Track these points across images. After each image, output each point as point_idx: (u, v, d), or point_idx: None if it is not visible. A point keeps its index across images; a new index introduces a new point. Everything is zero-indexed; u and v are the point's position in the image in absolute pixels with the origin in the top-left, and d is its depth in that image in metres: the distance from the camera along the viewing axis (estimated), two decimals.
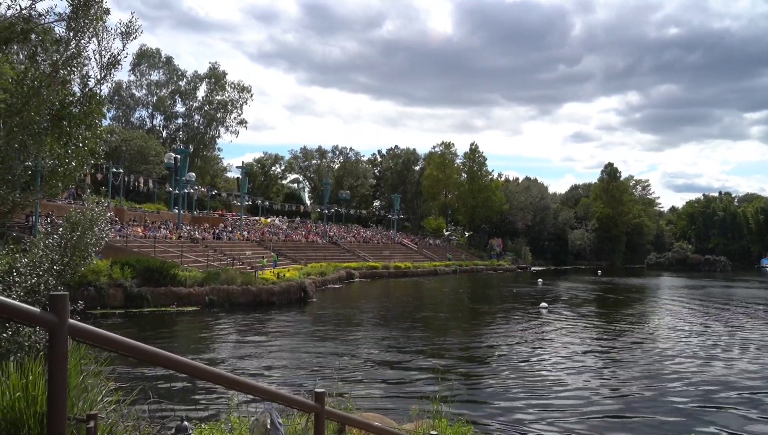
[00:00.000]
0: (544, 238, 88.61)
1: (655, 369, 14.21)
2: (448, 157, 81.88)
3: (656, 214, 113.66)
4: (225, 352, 15.65)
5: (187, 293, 23.71)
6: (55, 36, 6.46)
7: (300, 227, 60.18)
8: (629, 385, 12.63)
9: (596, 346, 17.44)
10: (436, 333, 19.76)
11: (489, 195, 77.33)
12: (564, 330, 20.51)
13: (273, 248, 44.76)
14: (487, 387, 12.38)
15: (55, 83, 5.84)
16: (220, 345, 16.80)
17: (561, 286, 44.60)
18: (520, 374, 13.40)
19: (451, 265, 59.74)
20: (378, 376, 13.04)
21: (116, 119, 63.62)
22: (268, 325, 20.68)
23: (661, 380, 13.07)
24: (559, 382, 12.73)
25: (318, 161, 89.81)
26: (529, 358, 15.28)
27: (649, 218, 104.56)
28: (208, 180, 69.38)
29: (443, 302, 31.41)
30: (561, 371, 13.77)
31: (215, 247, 36.39)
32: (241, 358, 14.58)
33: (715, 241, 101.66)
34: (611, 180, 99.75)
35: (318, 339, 17.87)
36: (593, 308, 29.18)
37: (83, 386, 3.63)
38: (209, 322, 20.97)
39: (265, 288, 26.34)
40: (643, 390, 12.12)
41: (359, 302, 30.27)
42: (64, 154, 5.92)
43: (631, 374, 13.60)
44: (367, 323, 21.93)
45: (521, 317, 24.05)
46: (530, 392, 11.84)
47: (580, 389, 12.12)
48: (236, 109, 68.82)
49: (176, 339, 17.43)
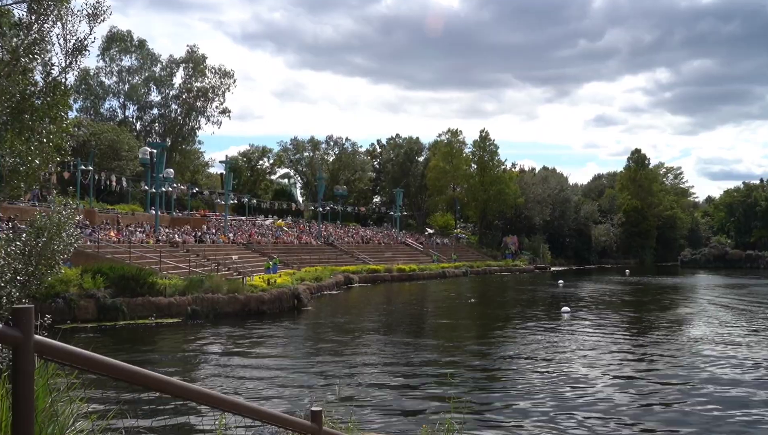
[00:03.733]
0: (564, 234, 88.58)
1: (697, 386, 13.84)
2: (455, 146, 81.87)
3: (690, 205, 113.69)
4: (210, 368, 15.70)
5: (167, 303, 23.73)
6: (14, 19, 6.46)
7: (292, 227, 60.24)
8: (668, 406, 12.34)
9: (627, 357, 17.34)
10: (446, 343, 19.78)
11: (502, 187, 77.31)
12: (589, 339, 20.48)
13: (262, 251, 44.75)
14: (504, 404, 12.38)
15: (15, 72, 5.85)
16: (204, 360, 16.85)
17: (584, 288, 44.56)
18: (539, 390, 13.35)
19: (462, 267, 59.86)
20: (381, 392, 13.05)
21: (84, 111, 63.71)
22: (258, 337, 20.73)
23: (703, 399, 12.82)
24: (585, 400, 12.62)
25: (310, 153, 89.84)
26: (549, 372, 15.21)
27: (682, 210, 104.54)
28: (189, 176, 69.42)
29: (452, 308, 31.40)
30: (586, 388, 13.66)
31: (197, 251, 36.45)
32: (228, 375, 14.62)
33: (757, 235, 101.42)
34: (639, 168, 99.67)
35: (314, 351, 17.92)
36: (622, 313, 29.15)
37: (52, 409, 3.64)
38: (192, 335, 21.03)
39: (254, 296, 26.39)
40: (685, 415, 11.60)
41: (359, 310, 30.36)
42: (26, 150, 5.92)
43: (669, 393, 13.32)
44: (369, 333, 21.98)
45: (540, 324, 24.03)
46: (551, 411, 11.81)
47: (608, 410, 11.92)
48: (218, 96, 68.89)
49: (156, 355, 17.46)
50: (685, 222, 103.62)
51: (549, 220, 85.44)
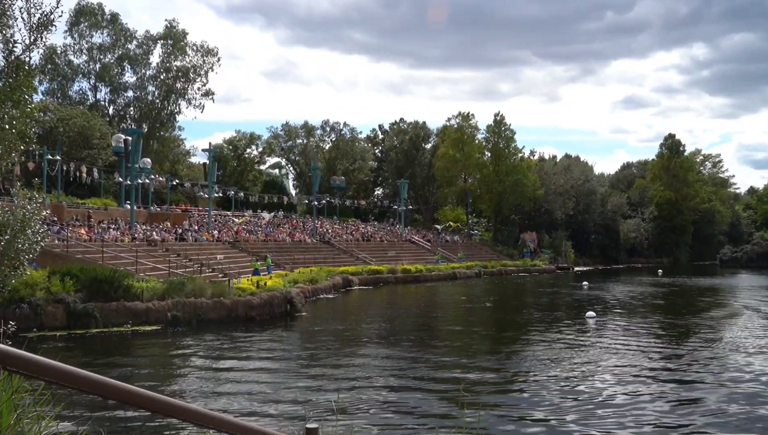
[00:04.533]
0: (589, 230, 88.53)
1: (741, 407, 13.59)
2: (466, 132, 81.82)
3: (731, 197, 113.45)
4: (194, 381, 15.78)
5: (145, 309, 23.84)
6: None
7: (284, 223, 60.30)
8: (707, 427, 12.19)
9: (660, 370, 17.18)
10: (456, 354, 19.84)
11: (519, 178, 77.26)
12: (617, 348, 20.45)
13: (250, 250, 44.82)
14: (521, 424, 12.40)
15: None
16: (187, 372, 16.93)
17: (612, 291, 44.71)
18: (561, 409, 13.31)
19: (474, 267, 59.99)
20: (383, 409, 13.11)
21: (50, 93, 63.83)
22: (247, 346, 20.84)
23: (747, 421, 12.70)
24: (614, 420, 12.53)
25: (304, 140, 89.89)
26: (572, 387, 15.18)
27: (721, 203, 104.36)
28: (168, 167, 69.52)
29: (464, 314, 31.52)
30: (614, 405, 13.59)
31: (178, 250, 36.69)
32: (213, 389, 14.70)
33: None
34: (673, 156, 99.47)
35: (309, 362, 17.98)
36: (654, 318, 29.20)
37: (18, 428, 3.66)
38: (173, 344, 21.13)
39: (242, 300, 26.53)
40: None
41: (359, 315, 30.50)
42: None
43: (709, 413, 13.13)
44: (370, 342, 22.09)
45: (562, 332, 24.08)
46: (574, 431, 11.82)
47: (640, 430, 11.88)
48: (200, 77, 68.96)
49: (132, 366, 17.54)
50: (724, 216, 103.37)
51: (572, 215, 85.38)
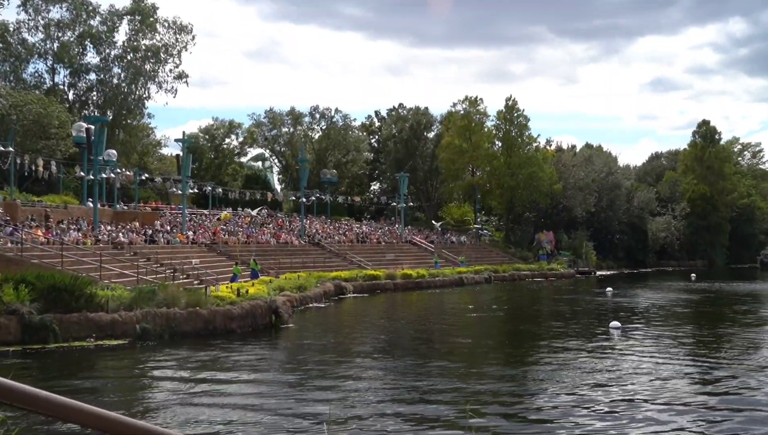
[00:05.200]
0: (613, 229, 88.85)
1: None
2: (474, 119, 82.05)
3: None
4: (166, 402, 15.72)
5: (110, 321, 23.80)
6: None
7: (268, 223, 60.28)
8: None
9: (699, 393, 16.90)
10: (462, 370, 19.83)
11: (534, 170, 77.47)
12: (645, 363, 20.36)
13: (230, 253, 44.69)
14: None
15: None
16: (158, 393, 16.91)
17: (639, 298, 44.96)
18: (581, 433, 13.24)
19: (483, 271, 60.07)
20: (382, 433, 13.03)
21: (2, 76, 63.52)
22: (226, 363, 20.84)
23: None
24: None
25: (291, 129, 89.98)
26: (595, 410, 15.05)
27: (762, 198, 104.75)
28: (136, 160, 69.51)
29: (471, 325, 31.75)
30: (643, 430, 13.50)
31: (148, 254, 36.82)
32: (188, 412, 14.65)
33: None
34: (708, 145, 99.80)
35: (296, 381, 17.92)
36: (688, 330, 29.28)
37: None
38: (142, 360, 21.16)
39: (221, 311, 26.59)
40: None
41: (353, 327, 30.60)
42: None
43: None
44: (366, 357, 22.11)
45: (583, 345, 24.08)
46: None
47: None
48: (172, 57, 68.96)
49: (96, 385, 17.52)
50: (766, 213, 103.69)
51: (594, 212, 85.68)
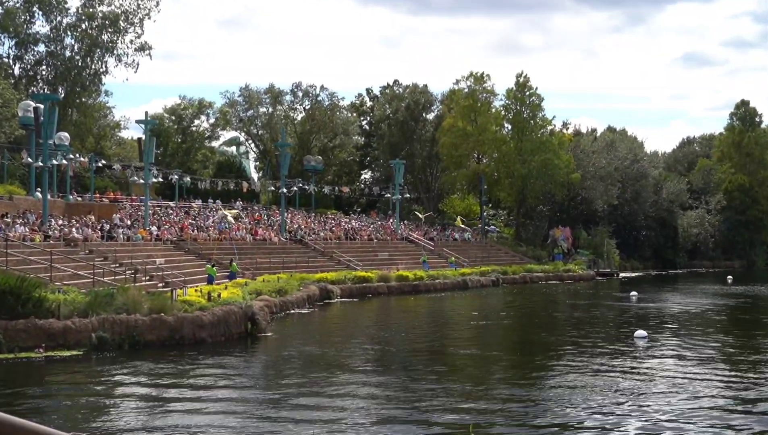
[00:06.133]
0: (638, 225, 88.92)
1: None
2: (480, 98, 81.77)
3: None
4: (125, 424, 15.69)
5: (62, 329, 23.78)
6: None
7: (244, 217, 60.06)
8: None
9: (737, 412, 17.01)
10: (466, 386, 19.83)
11: (548, 157, 77.30)
12: (675, 378, 20.37)
13: (193, 250, 44.52)
14: None
15: None
16: (116, 412, 16.86)
17: (668, 303, 45.08)
18: None
19: (490, 273, 60.10)
20: None
21: None
22: (194, 377, 20.84)
23: None
24: None
25: (269, 109, 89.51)
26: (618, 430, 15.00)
27: None
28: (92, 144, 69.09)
29: (476, 334, 31.80)
30: None
31: (105, 252, 36.68)
32: None
33: None
34: (747, 129, 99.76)
35: (275, 400, 17.92)
36: (723, 340, 29.33)
37: None
38: (99, 374, 21.15)
39: (189, 317, 26.56)
40: None
41: (341, 337, 30.58)
42: None
43: None
44: (354, 371, 22.09)
45: (603, 357, 24.17)
46: None
47: None
48: (133, 26, 68.42)
49: (45, 402, 17.44)
50: None
51: (617, 205, 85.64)
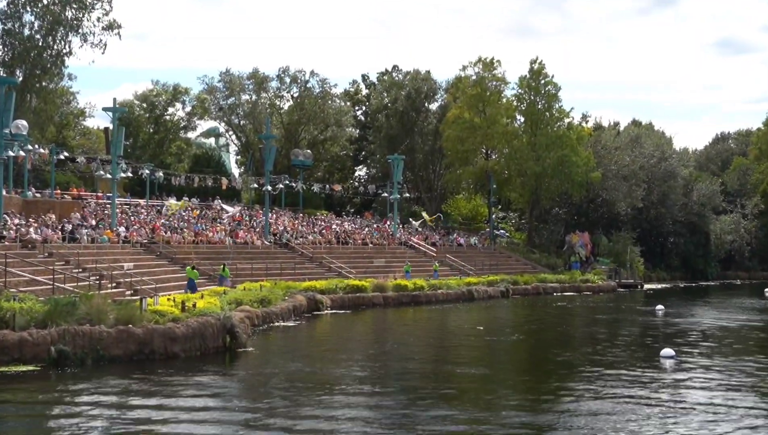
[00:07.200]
0: (666, 230, 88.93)
1: None
2: (489, 86, 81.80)
3: None
4: None
5: (18, 341, 23.78)
6: None
7: (222, 217, 60.30)
8: None
9: None
10: (470, 409, 19.86)
11: (565, 153, 77.27)
12: (706, 403, 20.34)
13: (166, 254, 44.79)
14: None
15: None
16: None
17: (698, 318, 44.86)
18: None
19: (499, 283, 60.33)
20: None
21: None
22: (165, 396, 20.69)
23: None
24: None
25: (253, 96, 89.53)
26: None
27: None
28: (53, 134, 69.07)
29: (482, 352, 31.61)
30: None
31: (67, 255, 36.64)
32: None
33: None
34: None
35: (256, 422, 17.95)
36: (759, 360, 29.16)
37: None
38: (58, 392, 20.95)
39: (160, 329, 26.44)
40: None
41: (331, 353, 30.38)
42: None
43: None
44: (345, 392, 22.00)
45: (626, 378, 24.13)
46: None
47: None
48: (101, 2, 68.36)
49: None
50: None
51: (641, 208, 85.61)
